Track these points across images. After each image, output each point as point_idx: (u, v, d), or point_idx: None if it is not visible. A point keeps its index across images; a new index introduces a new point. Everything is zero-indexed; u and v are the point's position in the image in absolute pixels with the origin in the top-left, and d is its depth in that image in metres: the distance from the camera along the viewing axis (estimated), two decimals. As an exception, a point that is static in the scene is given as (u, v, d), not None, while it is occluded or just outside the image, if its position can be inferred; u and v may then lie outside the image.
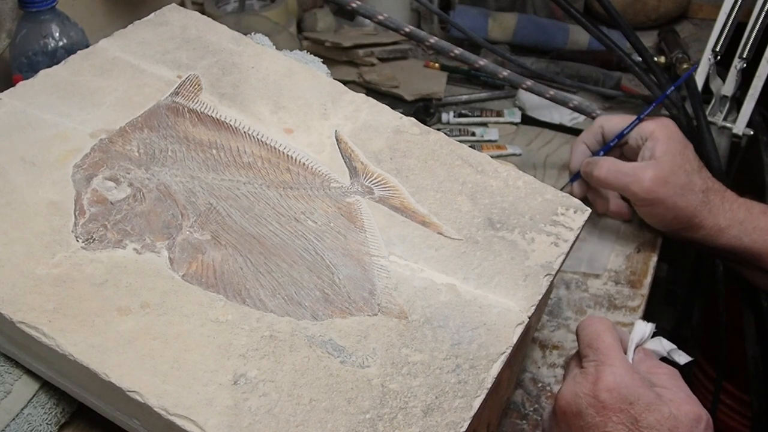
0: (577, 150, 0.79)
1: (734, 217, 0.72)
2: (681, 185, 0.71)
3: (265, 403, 0.44)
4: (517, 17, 1.09)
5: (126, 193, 0.53)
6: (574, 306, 0.70)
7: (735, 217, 0.72)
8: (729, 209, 0.72)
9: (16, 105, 0.57)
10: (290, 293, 0.49)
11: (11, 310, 0.46)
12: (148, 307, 0.47)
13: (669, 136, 0.73)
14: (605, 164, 0.73)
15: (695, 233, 0.73)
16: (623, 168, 0.72)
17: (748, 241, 0.72)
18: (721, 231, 0.72)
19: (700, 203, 0.71)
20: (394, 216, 0.55)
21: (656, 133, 0.73)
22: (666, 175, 0.71)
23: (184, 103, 0.60)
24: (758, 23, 0.87)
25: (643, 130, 0.74)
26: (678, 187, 0.71)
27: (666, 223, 0.74)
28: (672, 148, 0.72)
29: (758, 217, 0.72)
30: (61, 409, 0.51)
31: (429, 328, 0.49)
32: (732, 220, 0.72)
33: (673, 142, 0.72)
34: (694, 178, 0.72)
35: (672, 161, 0.71)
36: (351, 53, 1.03)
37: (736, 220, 0.72)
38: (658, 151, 0.72)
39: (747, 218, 0.72)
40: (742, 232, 0.72)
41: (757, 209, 0.72)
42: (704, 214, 0.72)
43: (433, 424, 0.44)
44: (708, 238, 0.73)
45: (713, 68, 0.92)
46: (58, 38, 0.74)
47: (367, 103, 0.63)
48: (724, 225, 0.72)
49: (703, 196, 0.72)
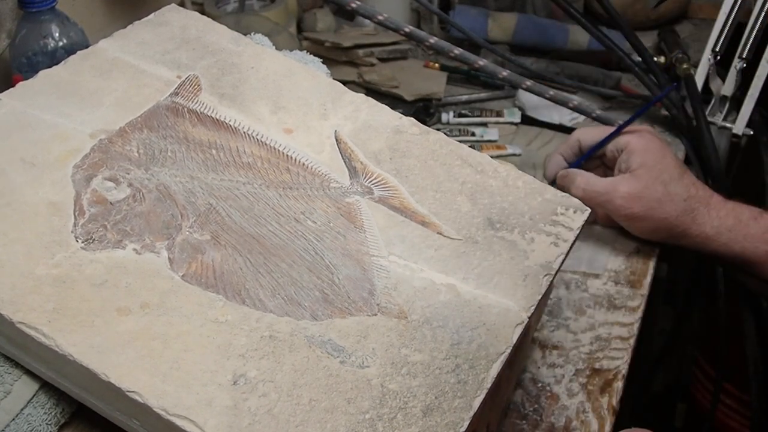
0: (552, 161, 0.78)
1: (722, 224, 0.70)
2: (657, 198, 0.70)
3: (264, 404, 0.44)
4: (517, 17, 1.09)
5: (126, 193, 0.53)
6: (574, 306, 0.70)
7: (723, 225, 0.70)
8: (716, 217, 0.71)
9: (16, 105, 0.57)
10: (290, 293, 0.49)
11: (11, 311, 0.46)
12: (147, 307, 0.47)
13: (644, 148, 0.71)
14: (580, 183, 0.72)
15: (681, 242, 0.72)
16: (597, 186, 0.71)
17: (738, 248, 0.70)
18: (708, 239, 0.71)
19: (681, 213, 0.70)
20: (393, 216, 0.55)
21: (631, 145, 0.72)
22: (639, 190, 0.70)
23: (183, 104, 0.60)
24: (758, 23, 0.87)
25: (618, 142, 0.74)
26: (653, 201, 0.70)
27: (648, 234, 0.74)
28: (648, 160, 0.71)
29: (748, 224, 0.70)
30: (61, 409, 0.51)
31: (428, 328, 0.49)
32: (719, 228, 0.70)
33: (649, 153, 0.71)
34: (673, 188, 0.70)
35: (647, 174, 0.70)
36: (351, 53, 1.03)
37: (724, 227, 0.70)
38: (633, 163, 0.71)
39: (736, 226, 0.70)
40: (731, 239, 0.70)
41: (746, 215, 0.71)
42: (687, 223, 0.71)
43: (433, 424, 0.44)
44: (696, 246, 0.72)
45: (713, 68, 0.92)
46: (58, 38, 0.74)
47: (367, 103, 0.63)
48: (712, 233, 0.71)
49: (685, 205, 0.70)
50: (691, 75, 0.93)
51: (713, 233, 0.71)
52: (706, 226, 0.71)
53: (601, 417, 0.60)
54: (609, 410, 0.61)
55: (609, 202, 0.71)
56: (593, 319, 0.69)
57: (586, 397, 0.62)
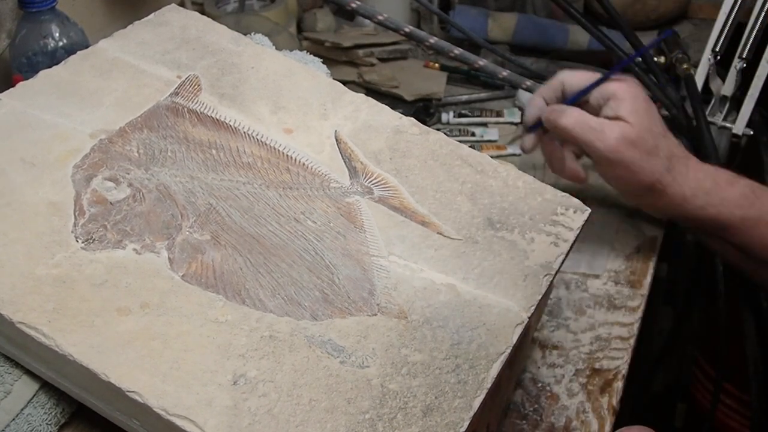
0: (533, 103, 0.73)
1: (699, 186, 0.69)
2: (647, 149, 0.67)
3: (264, 404, 0.44)
4: (517, 17, 1.09)
5: (126, 193, 0.53)
6: (574, 306, 0.70)
7: (700, 187, 0.69)
8: (694, 178, 0.69)
9: (16, 105, 0.57)
10: (290, 293, 0.49)
11: (11, 311, 0.46)
12: (147, 307, 0.47)
13: (634, 96, 0.68)
14: (573, 113, 0.68)
15: (657, 200, 0.70)
16: (591, 122, 0.68)
17: (713, 212, 0.69)
18: (685, 200, 0.69)
19: (664, 169, 0.68)
20: (393, 216, 0.55)
21: (620, 93, 0.68)
22: (634, 137, 0.67)
23: (183, 104, 0.60)
24: (758, 23, 0.87)
25: (605, 89, 0.69)
26: (644, 151, 0.67)
27: (626, 186, 0.71)
28: (639, 108, 0.68)
29: (725, 188, 0.69)
30: (61, 409, 0.51)
31: (428, 328, 0.49)
32: (697, 189, 0.69)
33: (639, 102, 0.68)
34: (659, 142, 0.68)
35: (639, 122, 0.67)
36: (351, 53, 1.03)
37: (701, 189, 0.69)
38: (624, 111, 0.67)
39: (713, 189, 0.69)
40: (707, 202, 0.69)
41: (723, 179, 0.69)
42: (668, 181, 0.68)
43: (433, 424, 0.44)
44: (670, 206, 0.70)
45: (713, 68, 0.92)
46: (58, 38, 0.74)
47: (367, 103, 0.63)
48: (689, 194, 0.69)
49: (668, 162, 0.68)
50: (691, 75, 0.93)
51: (690, 194, 0.69)
52: (684, 187, 0.69)
53: (601, 417, 0.60)
54: (609, 410, 0.61)
55: (601, 141, 0.67)
56: (593, 319, 0.69)
57: (586, 397, 0.62)
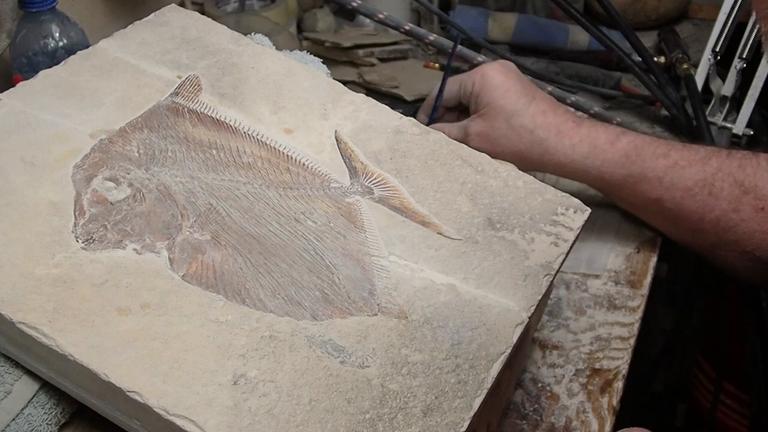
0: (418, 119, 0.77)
1: (576, 152, 0.70)
2: (502, 134, 0.71)
3: (265, 404, 0.44)
4: (517, 17, 1.09)
5: (126, 193, 0.53)
6: (574, 306, 0.70)
7: (577, 152, 0.70)
8: (569, 144, 0.70)
9: (16, 105, 0.57)
10: (290, 293, 0.49)
11: (11, 311, 0.46)
12: (147, 307, 0.47)
13: (487, 86, 0.72)
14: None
15: (542, 170, 0.73)
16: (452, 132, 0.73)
17: (595, 173, 0.70)
18: (563, 165, 0.71)
19: (529, 144, 0.70)
20: (393, 216, 0.55)
21: (476, 86, 0.73)
22: (485, 129, 0.72)
23: (183, 104, 0.60)
24: (758, 23, 0.87)
25: (467, 85, 0.74)
26: (500, 137, 0.71)
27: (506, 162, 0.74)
28: (491, 98, 0.72)
29: (605, 149, 0.69)
30: (61, 409, 0.51)
31: (429, 329, 0.49)
32: (573, 156, 0.70)
33: (491, 90, 0.72)
34: (516, 121, 0.71)
35: (490, 112, 0.72)
36: (351, 53, 1.03)
37: (579, 155, 0.70)
38: (480, 104, 0.73)
39: (592, 152, 0.70)
40: (587, 165, 0.70)
41: (603, 140, 0.70)
42: (539, 153, 0.71)
43: (433, 424, 0.44)
44: (556, 172, 0.73)
45: (713, 68, 0.92)
46: (58, 38, 0.74)
47: (367, 103, 0.63)
48: (566, 161, 0.70)
49: (532, 136, 0.70)
50: (691, 75, 0.93)
51: (568, 161, 0.70)
52: (559, 155, 0.70)
53: (601, 417, 0.60)
54: (609, 410, 0.61)
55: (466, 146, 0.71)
56: (593, 319, 0.69)
57: (586, 397, 0.62)
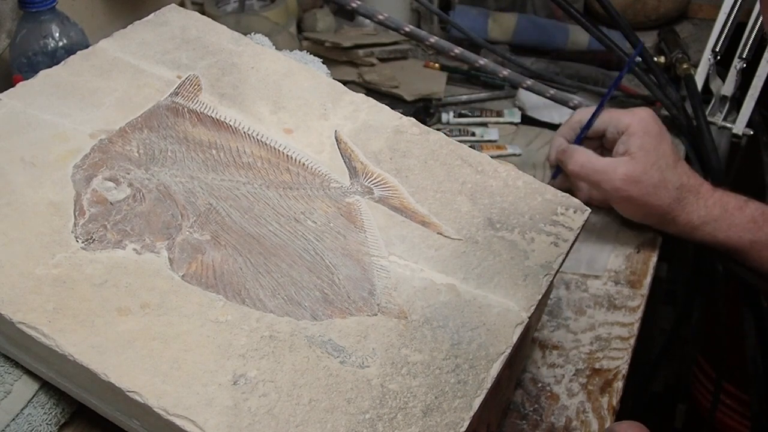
0: (554, 144, 0.78)
1: (709, 214, 0.71)
2: (653, 183, 0.71)
3: (264, 403, 0.44)
4: (517, 17, 1.09)
5: (126, 193, 0.53)
6: (574, 306, 0.70)
7: (709, 215, 0.71)
8: (704, 206, 0.72)
9: (16, 105, 0.57)
10: (290, 293, 0.49)
11: (11, 311, 0.46)
12: (147, 307, 0.47)
13: (645, 131, 0.72)
14: (579, 158, 0.73)
15: (669, 228, 0.74)
16: (596, 165, 0.72)
17: (722, 237, 0.71)
18: (695, 228, 0.72)
19: (673, 200, 0.71)
20: (393, 216, 0.55)
21: (632, 128, 0.72)
22: (638, 174, 0.70)
23: (183, 104, 0.60)
24: (758, 23, 0.87)
25: (619, 123, 0.74)
26: (650, 186, 0.71)
27: (639, 218, 0.75)
28: (647, 144, 0.71)
29: (733, 213, 0.71)
30: (61, 409, 0.51)
31: (429, 329, 0.49)
32: (706, 217, 0.71)
33: (649, 137, 0.72)
34: (668, 175, 0.71)
35: (645, 158, 0.71)
36: (351, 53, 1.03)
37: (710, 217, 0.71)
38: (633, 146, 0.71)
39: (722, 216, 0.71)
40: (716, 229, 0.71)
41: (732, 205, 0.71)
42: (677, 212, 0.72)
43: (433, 424, 0.44)
44: (682, 234, 0.73)
45: (713, 68, 0.92)
46: (58, 38, 0.74)
47: (367, 103, 0.63)
48: (698, 222, 0.72)
49: (677, 193, 0.71)
50: (691, 75, 0.93)
51: (699, 223, 0.72)
52: (693, 216, 0.72)
53: (601, 417, 0.60)
54: (609, 410, 0.61)
55: (607, 182, 0.71)
56: (593, 319, 0.69)
57: (586, 397, 0.62)
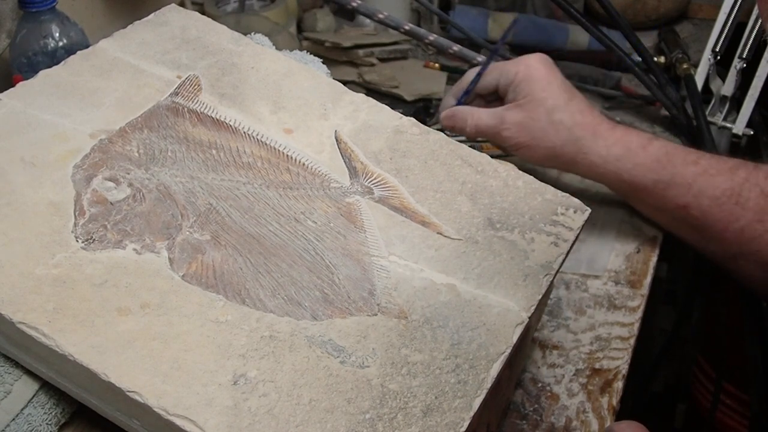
0: (443, 103, 0.79)
1: (610, 153, 0.70)
2: (540, 127, 0.71)
3: (264, 403, 0.44)
4: (517, 17, 1.09)
5: (126, 193, 0.53)
6: (574, 306, 0.70)
7: (611, 154, 0.70)
8: (603, 146, 0.70)
9: (16, 105, 0.57)
10: (290, 293, 0.49)
11: (11, 311, 0.46)
12: (147, 307, 0.47)
13: (530, 77, 0.72)
14: (471, 121, 0.74)
15: (572, 169, 0.73)
16: (486, 120, 0.73)
17: (627, 177, 0.70)
18: (596, 167, 0.71)
19: (565, 141, 0.71)
20: (393, 216, 0.55)
21: (519, 75, 0.72)
22: (523, 120, 0.71)
23: (183, 104, 0.60)
24: (758, 23, 0.87)
25: (508, 74, 0.74)
26: (538, 130, 0.71)
27: (539, 162, 0.74)
28: (533, 89, 0.71)
29: (636, 152, 0.70)
30: (61, 409, 0.51)
31: (429, 328, 0.49)
32: (607, 156, 0.70)
33: (534, 82, 0.71)
34: (557, 116, 0.70)
35: (530, 103, 0.71)
36: (351, 53, 1.03)
37: (612, 156, 0.70)
38: (519, 94, 0.72)
39: (624, 155, 0.70)
40: (619, 168, 0.70)
41: (635, 143, 0.70)
42: (573, 152, 0.71)
43: (433, 424, 0.44)
44: (585, 173, 0.73)
45: (713, 68, 0.92)
46: (58, 38, 0.74)
47: (367, 103, 0.63)
48: (599, 162, 0.71)
49: (569, 134, 0.70)
50: (691, 75, 0.93)
51: (600, 162, 0.71)
52: (592, 155, 0.71)
53: (601, 417, 0.60)
54: (609, 410, 0.61)
55: (498, 135, 0.72)
56: (593, 319, 0.69)
57: (586, 397, 0.62)
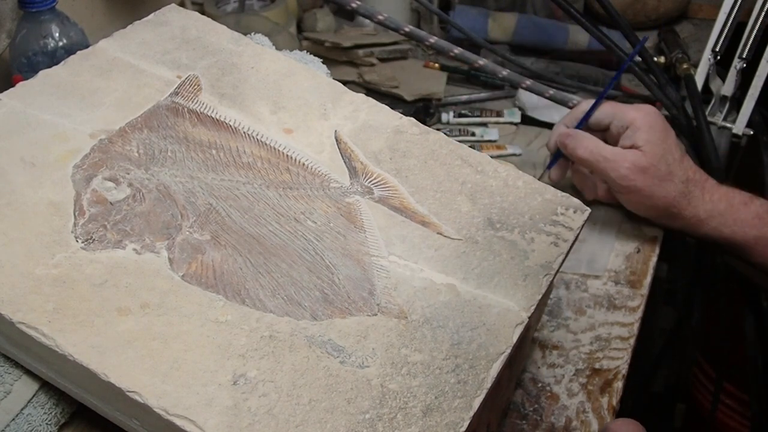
0: (556, 130, 0.78)
1: (714, 208, 0.72)
2: (660, 175, 0.71)
3: (264, 404, 0.44)
4: (517, 17, 1.09)
5: (125, 193, 0.53)
6: (574, 306, 0.70)
7: (715, 209, 0.72)
8: (709, 200, 0.72)
9: (15, 105, 0.57)
10: (290, 293, 0.49)
11: (11, 311, 0.46)
12: (147, 307, 0.47)
13: (650, 125, 0.72)
14: (588, 144, 0.73)
15: (674, 223, 0.74)
16: (604, 152, 0.72)
17: (728, 232, 0.72)
18: (700, 222, 0.72)
19: (678, 194, 0.72)
20: (393, 216, 0.55)
21: (637, 122, 0.73)
22: (645, 164, 0.71)
23: (183, 104, 0.60)
24: (758, 23, 0.87)
25: (624, 117, 0.74)
26: (657, 177, 0.71)
27: (641, 210, 0.75)
28: (653, 138, 0.72)
29: (738, 209, 0.72)
30: (61, 409, 0.51)
31: (428, 328, 0.49)
32: (712, 211, 0.72)
33: (655, 131, 0.72)
34: (674, 169, 0.72)
35: (653, 150, 0.71)
36: (351, 53, 1.03)
37: (716, 211, 0.72)
38: (639, 140, 0.72)
39: (727, 210, 0.72)
40: (722, 224, 0.72)
41: (737, 200, 0.72)
42: (683, 205, 0.72)
43: (433, 424, 0.44)
44: (687, 228, 0.74)
45: (713, 68, 0.92)
46: (58, 38, 0.74)
47: (367, 103, 0.63)
48: (704, 216, 0.72)
49: (683, 187, 0.72)
50: (691, 75, 0.93)
51: (705, 216, 0.72)
52: (699, 209, 0.72)
53: (601, 417, 0.60)
54: (609, 410, 0.61)
55: (614, 170, 0.72)
56: (593, 319, 0.69)
57: (586, 397, 0.62)
